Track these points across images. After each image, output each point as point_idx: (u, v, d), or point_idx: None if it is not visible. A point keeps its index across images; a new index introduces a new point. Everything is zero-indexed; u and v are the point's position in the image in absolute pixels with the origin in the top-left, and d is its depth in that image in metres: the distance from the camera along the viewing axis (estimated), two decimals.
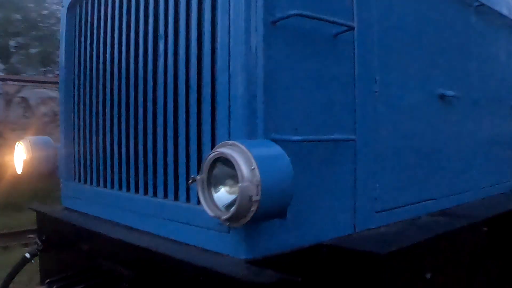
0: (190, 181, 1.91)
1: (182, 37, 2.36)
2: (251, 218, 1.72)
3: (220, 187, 1.83)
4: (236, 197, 1.75)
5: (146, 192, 2.64)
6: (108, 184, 2.90)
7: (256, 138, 1.99)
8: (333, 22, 2.24)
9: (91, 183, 3.08)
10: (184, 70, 2.34)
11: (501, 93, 4.01)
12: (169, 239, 2.37)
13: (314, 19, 2.18)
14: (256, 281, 1.73)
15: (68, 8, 3.35)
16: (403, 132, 2.91)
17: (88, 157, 3.11)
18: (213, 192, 1.82)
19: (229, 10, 2.06)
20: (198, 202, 2.26)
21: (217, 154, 1.74)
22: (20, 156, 3.42)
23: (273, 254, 2.07)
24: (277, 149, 1.81)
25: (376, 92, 2.65)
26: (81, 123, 3.15)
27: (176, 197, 2.40)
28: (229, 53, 2.05)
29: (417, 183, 3.02)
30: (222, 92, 2.09)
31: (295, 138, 2.05)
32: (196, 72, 2.27)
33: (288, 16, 2.04)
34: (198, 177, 1.82)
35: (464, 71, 3.53)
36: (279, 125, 2.08)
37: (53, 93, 12.96)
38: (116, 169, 2.82)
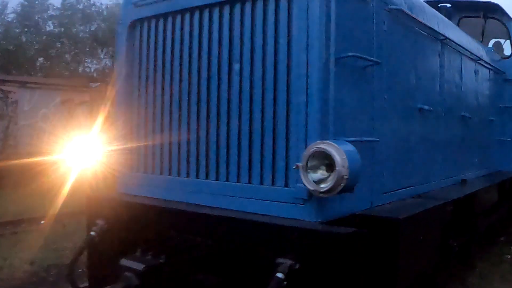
0: (294, 167, 2.78)
1: (258, 63, 3.21)
2: (339, 191, 2.64)
3: (311, 171, 2.72)
4: (326, 177, 2.67)
5: (217, 177, 3.45)
6: (184, 172, 3.65)
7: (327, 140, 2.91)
8: (373, 61, 3.21)
9: (160, 172, 3.82)
10: (260, 88, 3.20)
11: (454, 106, 5.24)
12: (248, 212, 3.20)
13: (358, 58, 3.14)
14: (341, 232, 2.66)
15: (129, 26, 4.04)
16: (397, 135, 3.96)
17: (156, 150, 3.85)
18: (309, 174, 2.71)
19: (307, 49, 2.96)
20: (273, 183, 3.15)
21: (318, 148, 2.64)
22: (81, 151, 4.09)
23: (332, 219, 3.01)
24: (352, 146, 2.75)
25: (384, 107, 3.68)
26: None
27: (249, 181, 3.26)
28: (307, 80, 2.94)
29: (403, 173, 4.10)
30: (299, 107, 2.97)
31: (350, 139, 2.98)
32: (272, 92, 3.13)
33: (348, 56, 2.98)
34: (300, 164, 2.70)
35: (432, 89, 4.68)
36: (339, 130, 3.01)
37: None
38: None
